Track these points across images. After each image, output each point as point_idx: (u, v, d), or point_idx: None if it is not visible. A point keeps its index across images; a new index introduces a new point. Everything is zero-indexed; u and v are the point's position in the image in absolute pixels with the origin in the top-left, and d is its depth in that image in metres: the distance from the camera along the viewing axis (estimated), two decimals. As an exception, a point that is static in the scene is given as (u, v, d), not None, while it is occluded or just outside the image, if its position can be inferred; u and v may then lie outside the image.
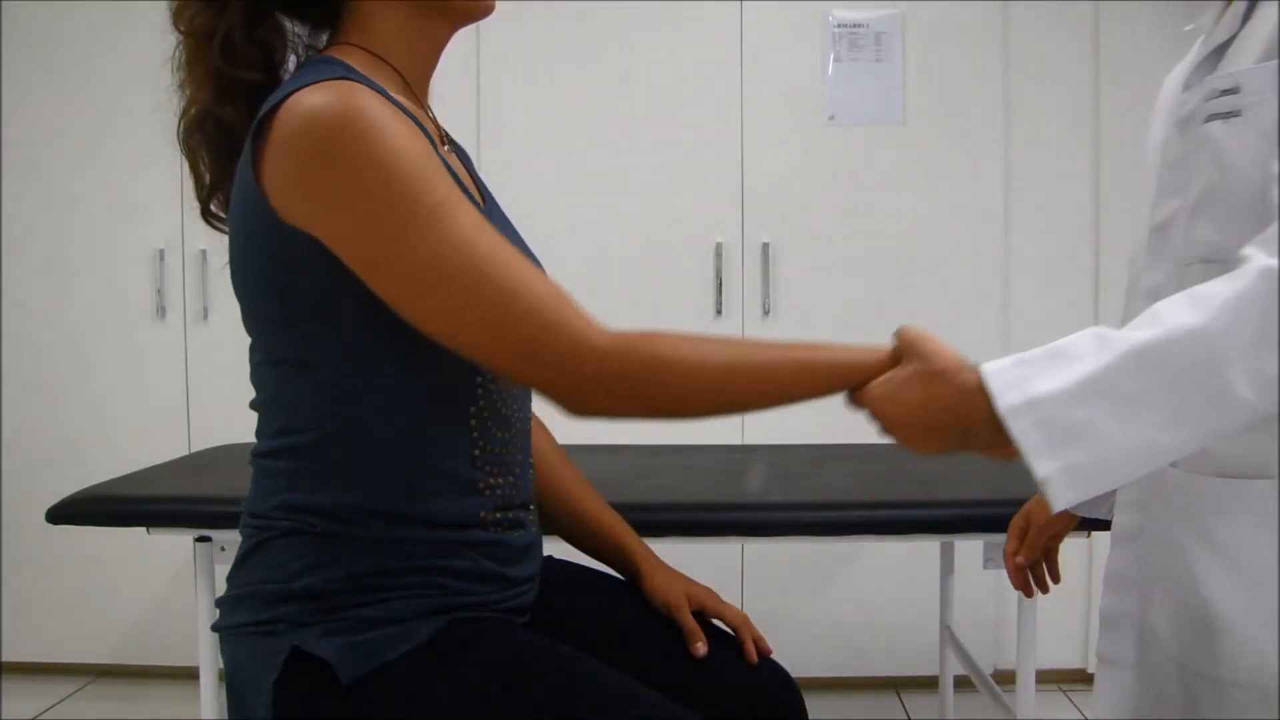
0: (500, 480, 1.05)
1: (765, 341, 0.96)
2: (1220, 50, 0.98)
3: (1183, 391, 0.80)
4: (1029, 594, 1.37)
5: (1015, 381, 0.83)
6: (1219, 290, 0.80)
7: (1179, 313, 0.80)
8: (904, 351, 0.92)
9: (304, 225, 0.91)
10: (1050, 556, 1.36)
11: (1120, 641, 1.06)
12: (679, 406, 0.96)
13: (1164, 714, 1.00)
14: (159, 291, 2.80)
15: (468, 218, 0.90)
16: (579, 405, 0.92)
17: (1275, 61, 0.88)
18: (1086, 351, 0.82)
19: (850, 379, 0.94)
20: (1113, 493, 1.27)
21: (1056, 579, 1.37)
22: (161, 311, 2.81)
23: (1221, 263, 0.88)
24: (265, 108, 0.93)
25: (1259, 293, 0.78)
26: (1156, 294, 0.94)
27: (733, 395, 0.95)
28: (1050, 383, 0.81)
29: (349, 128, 0.88)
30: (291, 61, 1.05)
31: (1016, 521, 1.35)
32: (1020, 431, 0.81)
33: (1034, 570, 1.36)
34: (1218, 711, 0.93)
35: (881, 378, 0.92)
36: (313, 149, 0.88)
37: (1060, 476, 0.81)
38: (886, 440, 0.94)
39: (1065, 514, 1.29)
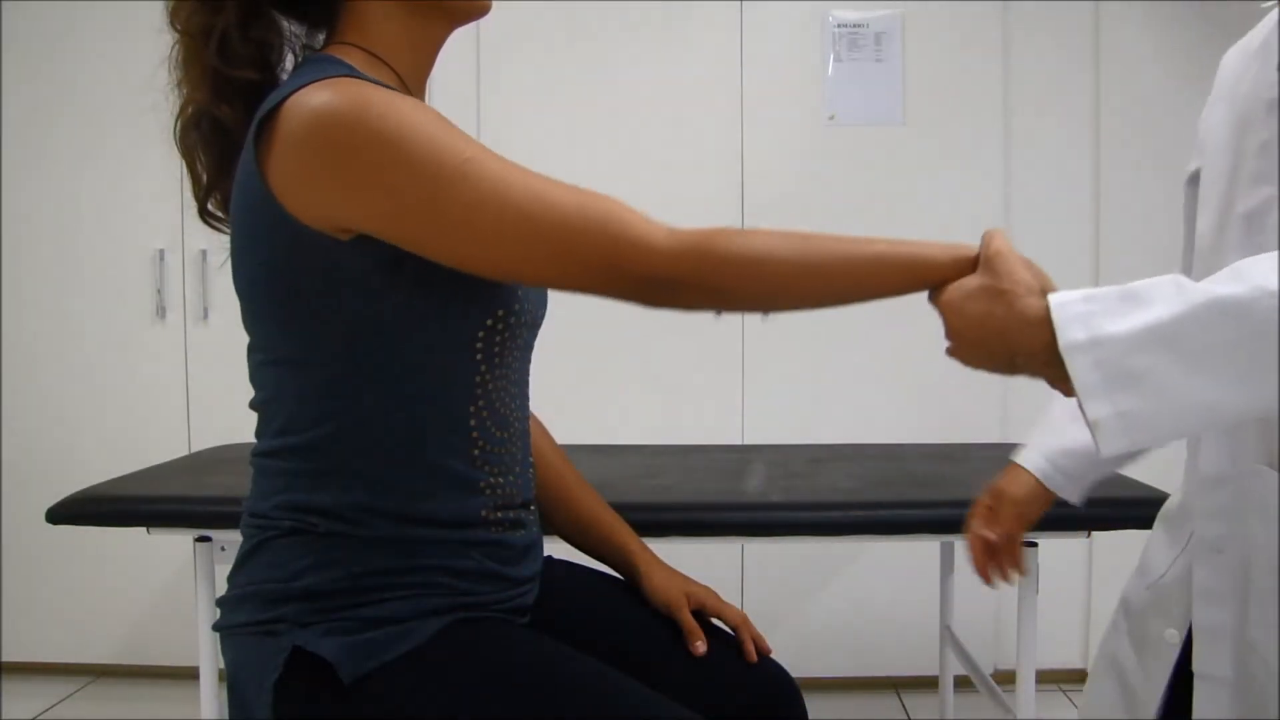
0: (500, 480, 1.05)
1: (841, 236, 0.94)
2: None
3: (1254, 351, 0.76)
4: (989, 580, 1.26)
5: (1081, 317, 0.80)
6: None
7: (1266, 273, 0.77)
8: (981, 261, 0.89)
9: (329, 217, 0.91)
10: (1013, 543, 1.24)
11: (1217, 656, 1.01)
12: (752, 302, 0.96)
13: None
14: (159, 291, 2.80)
15: (497, 164, 0.90)
16: (654, 304, 0.93)
17: None
18: (1161, 297, 0.79)
19: (926, 278, 0.91)
20: (1087, 477, 1.22)
21: (1020, 570, 1.27)
22: (161, 311, 2.81)
23: None
24: (267, 106, 0.93)
25: None
26: None
27: (806, 290, 0.94)
28: (1118, 324, 0.78)
29: (360, 117, 0.88)
30: (289, 61, 1.05)
31: (983, 500, 1.26)
32: (1078, 370, 0.79)
33: (998, 556, 1.24)
34: None
35: (957, 283, 0.89)
36: (328, 143, 0.88)
37: (1112, 422, 0.78)
38: (947, 347, 0.91)
39: (1041, 493, 1.22)
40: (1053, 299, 0.82)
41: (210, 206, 1.07)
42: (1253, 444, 0.97)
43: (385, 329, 0.95)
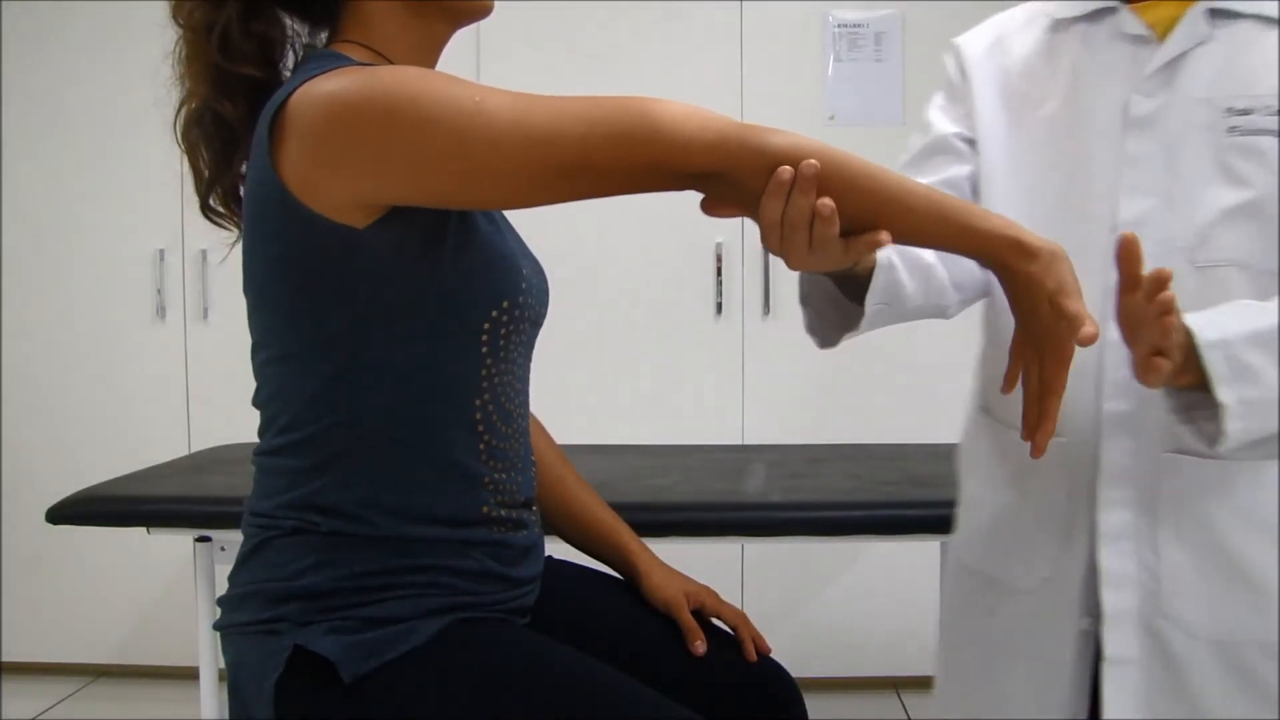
0: (504, 476, 1.05)
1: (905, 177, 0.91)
2: (1177, 60, 1.05)
3: None
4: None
5: (1210, 321, 0.93)
6: None
7: None
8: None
9: (353, 200, 0.91)
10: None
11: (1126, 640, 1.07)
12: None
13: (1194, 698, 1.05)
14: (159, 291, 2.80)
15: (509, 98, 0.90)
16: (695, 190, 0.91)
17: None
18: (1254, 309, 0.96)
19: (974, 244, 0.89)
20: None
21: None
22: (161, 311, 2.81)
23: (1269, 272, 1.00)
24: (277, 100, 0.93)
25: None
26: None
27: (851, 207, 0.87)
28: (1234, 328, 0.94)
29: (369, 93, 0.88)
30: (290, 60, 1.06)
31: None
32: (1212, 361, 0.92)
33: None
34: (1274, 671, 1.03)
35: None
36: (343, 125, 0.88)
37: (1236, 408, 0.92)
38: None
39: None
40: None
41: (212, 202, 1.07)
42: (1157, 438, 1.05)
43: (394, 320, 0.96)
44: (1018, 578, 1.16)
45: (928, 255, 1.14)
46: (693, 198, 0.91)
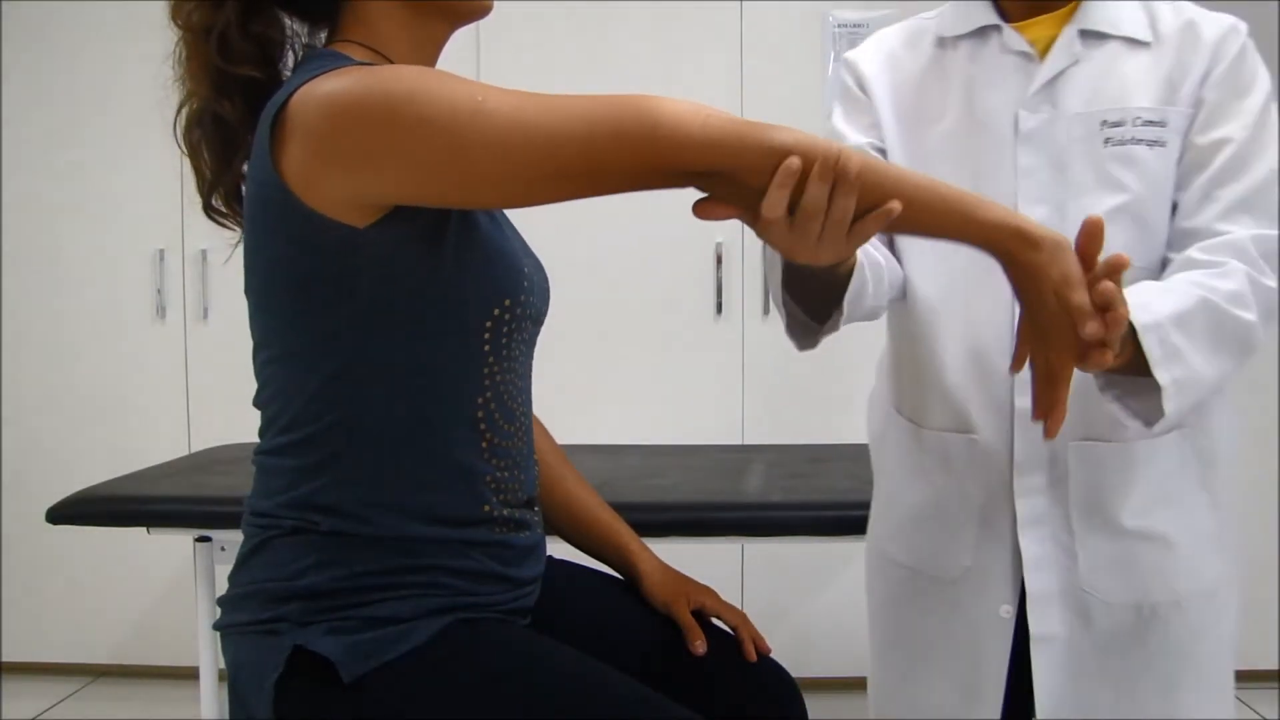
0: (506, 474, 1.05)
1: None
2: (1057, 78, 1.13)
3: (1220, 335, 1.01)
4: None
5: (1142, 305, 0.97)
6: (1237, 267, 1.04)
7: (1218, 282, 1.03)
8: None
9: (353, 199, 0.91)
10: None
11: (1050, 618, 1.15)
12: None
13: (1116, 662, 1.15)
14: (159, 291, 2.80)
15: (511, 97, 0.89)
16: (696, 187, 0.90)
17: (1187, 109, 1.11)
18: (1165, 289, 1.03)
19: (978, 234, 0.89)
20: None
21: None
22: (161, 311, 2.81)
23: (1146, 268, 1.09)
24: (278, 100, 0.93)
25: (1252, 253, 1.05)
26: None
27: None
28: (1160, 310, 0.99)
29: (368, 92, 0.88)
30: (290, 60, 1.06)
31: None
32: (1150, 345, 0.97)
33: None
34: (1183, 623, 1.14)
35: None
36: (342, 124, 0.88)
37: (1172, 388, 0.98)
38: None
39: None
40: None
41: (215, 202, 1.07)
42: (1066, 428, 1.08)
43: (396, 319, 0.96)
44: (941, 568, 1.22)
45: (879, 255, 1.17)
46: (694, 195, 0.91)
